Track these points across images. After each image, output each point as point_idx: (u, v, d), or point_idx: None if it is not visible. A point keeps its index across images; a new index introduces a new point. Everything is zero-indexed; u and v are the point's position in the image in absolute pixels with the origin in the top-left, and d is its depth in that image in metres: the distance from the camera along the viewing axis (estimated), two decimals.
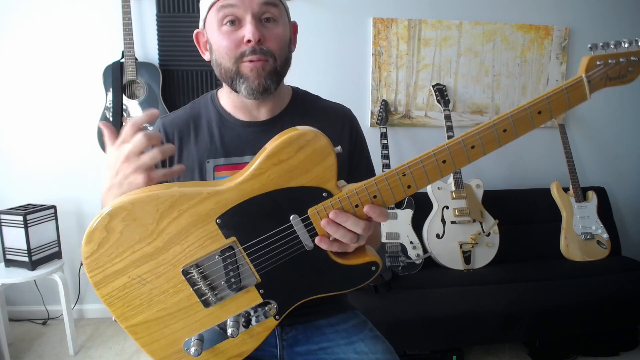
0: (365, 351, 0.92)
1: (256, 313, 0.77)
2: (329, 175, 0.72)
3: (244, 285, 0.75)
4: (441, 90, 2.38)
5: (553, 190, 2.39)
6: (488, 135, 0.70)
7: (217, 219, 0.72)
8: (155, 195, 0.70)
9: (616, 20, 2.55)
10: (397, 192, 0.72)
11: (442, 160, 0.71)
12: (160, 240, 0.71)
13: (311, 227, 0.73)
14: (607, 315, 1.90)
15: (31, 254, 1.99)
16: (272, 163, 0.71)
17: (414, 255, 2.13)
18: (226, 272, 0.73)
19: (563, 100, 0.70)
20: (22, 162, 2.32)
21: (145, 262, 0.71)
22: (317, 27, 2.36)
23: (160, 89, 2.20)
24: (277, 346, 0.96)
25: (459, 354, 1.88)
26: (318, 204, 0.72)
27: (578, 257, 2.27)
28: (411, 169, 0.71)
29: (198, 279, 0.73)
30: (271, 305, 0.77)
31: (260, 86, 0.85)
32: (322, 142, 0.70)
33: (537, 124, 0.71)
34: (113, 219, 0.69)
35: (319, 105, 1.03)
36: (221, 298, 0.75)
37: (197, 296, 0.74)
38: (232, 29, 0.84)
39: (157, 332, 0.75)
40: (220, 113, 0.96)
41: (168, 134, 0.95)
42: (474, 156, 0.71)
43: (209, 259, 0.73)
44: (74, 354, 2.08)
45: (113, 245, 0.70)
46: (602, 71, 0.69)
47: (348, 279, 0.78)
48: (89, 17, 2.24)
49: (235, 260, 0.73)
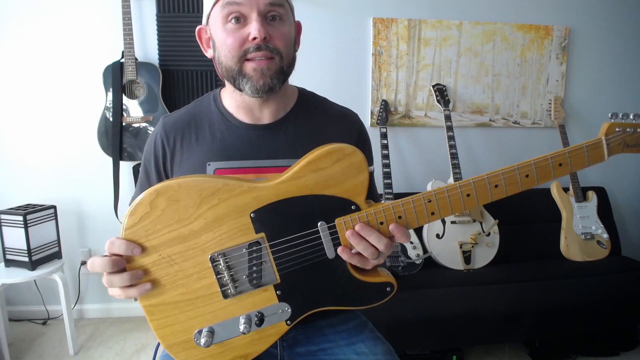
0: (366, 352, 0.92)
1: (270, 314, 0.78)
2: (360, 190, 0.76)
3: (263, 283, 0.77)
4: (441, 90, 2.39)
5: (553, 190, 2.39)
6: (511, 177, 0.75)
7: (252, 213, 0.75)
8: (201, 181, 0.75)
9: (616, 20, 2.55)
10: (421, 216, 0.76)
11: (467, 194, 0.75)
12: (196, 224, 0.74)
13: (336, 237, 0.77)
14: (607, 315, 1.90)
15: (31, 254, 1.99)
16: (311, 169, 0.75)
17: (414, 255, 2.13)
18: (250, 266, 0.76)
19: (583, 157, 0.75)
20: (22, 162, 2.32)
21: (178, 243, 0.75)
22: (317, 27, 2.36)
23: (160, 89, 2.20)
24: (277, 347, 0.95)
25: (459, 354, 1.88)
26: (346, 215, 0.76)
27: (578, 257, 2.27)
28: (437, 196, 0.75)
29: (223, 268, 0.76)
30: (285, 309, 0.79)
31: (266, 86, 0.84)
32: (359, 158, 0.75)
33: (556, 175, 0.76)
34: (159, 197, 0.73)
35: (327, 108, 1.00)
36: (240, 292, 0.77)
37: (218, 286, 0.76)
38: (237, 27, 0.83)
39: (172, 317, 0.77)
40: (223, 114, 0.94)
41: (169, 135, 0.94)
42: (496, 195, 0.76)
43: (236, 250, 0.76)
44: (74, 354, 2.08)
45: (153, 221, 0.74)
46: (620, 137, 0.76)
47: (363, 295, 0.80)
48: (89, 17, 2.24)
49: (261, 256, 0.76)
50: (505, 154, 2.59)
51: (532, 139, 2.60)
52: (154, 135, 0.96)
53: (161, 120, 0.97)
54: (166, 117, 0.97)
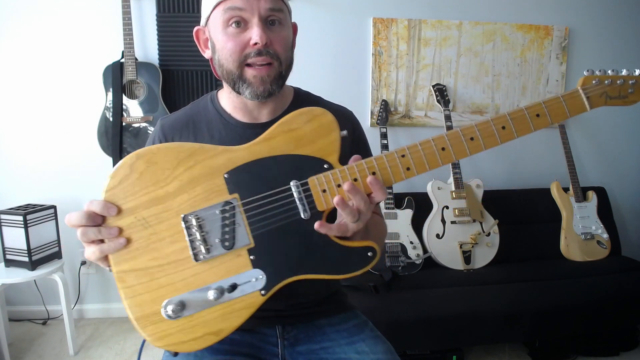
0: (366, 351, 0.92)
1: (243, 282, 0.75)
2: (332, 149, 0.77)
3: (236, 245, 0.75)
4: (441, 90, 2.39)
5: (553, 190, 2.39)
6: (486, 129, 0.75)
7: (226, 174, 0.76)
8: (178, 145, 0.78)
9: (616, 20, 2.55)
10: (396, 172, 0.75)
11: (442, 147, 0.75)
12: (172, 185, 0.76)
13: (309, 196, 0.76)
14: (607, 315, 1.90)
15: (31, 254, 1.99)
16: (282, 130, 0.78)
17: (414, 255, 2.13)
18: (222, 226, 0.75)
19: (561, 107, 0.76)
20: (22, 162, 2.32)
21: (153, 205, 0.75)
22: (317, 27, 2.36)
23: (160, 89, 2.20)
24: (278, 345, 0.96)
25: (459, 354, 1.88)
26: (319, 174, 0.76)
27: (578, 257, 2.27)
28: (410, 150, 0.75)
29: (195, 229, 0.75)
30: (259, 277, 0.75)
31: (266, 92, 0.86)
32: (328, 118, 0.78)
33: (536, 126, 0.76)
34: (138, 159, 0.76)
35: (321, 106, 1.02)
36: (212, 255, 0.75)
37: (190, 249, 0.75)
38: (238, 31, 0.84)
39: (142, 285, 0.74)
40: (221, 114, 0.95)
41: (167, 137, 0.95)
42: (474, 148, 0.75)
43: (209, 210, 0.76)
44: (74, 354, 2.08)
45: (131, 183, 0.75)
46: (599, 88, 0.76)
47: (342, 260, 0.77)
48: (89, 17, 2.24)
49: (234, 215, 0.76)
50: (505, 154, 2.59)
51: (532, 139, 2.60)
52: (152, 138, 0.97)
53: (159, 123, 0.98)
54: (164, 118, 0.98)
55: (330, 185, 0.76)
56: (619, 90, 0.76)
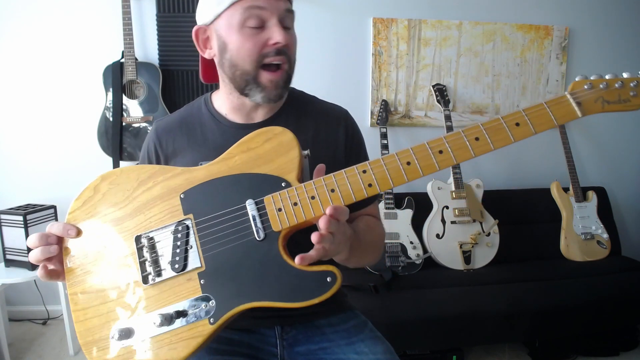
0: (366, 351, 0.92)
1: (192, 308, 0.71)
2: (291, 167, 0.74)
3: (187, 269, 0.73)
4: (441, 90, 2.38)
5: (553, 190, 2.39)
6: (456, 141, 0.70)
7: (182, 194, 0.76)
8: (140, 166, 0.79)
9: (616, 20, 2.55)
10: (357, 188, 0.71)
11: (407, 162, 0.71)
12: (130, 207, 0.76)
13: (264, 214, 0.72)
14: (607, 315, 1.90)
15: None
16: (241, 150, 0.77)
17: (414, 255, 2.13)
18: (174, 246, 0.74)
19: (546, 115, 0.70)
20: (22, 162, 2.32)
21: (112, 225, 0.76)
22: (317, 27, 2.36)
23: (160, 89, 2.20)
24: (277, 346, 0.96)
25: (459, 354, 1.88)
26: (275, 193, 0.73)
27: (578, 257, 2.27)
28: (371, 165, 0.71)
29: (147, 250, 0.74)
30: (209, 303, 0.71)
31: (277, 96, 0.88)
32: (288, 136, 0.76)
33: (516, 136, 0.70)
34: (103, 181, 0.78)
35: (315, 106, 1.02)
36: (162, 279, 0.73)
37: (139, 271, 0.74)
38: (257, 32, 0.84)
39: (93, 308, 0.74)
40: (214, 116, 0.96)
41: (161, 139, 0.96)
42: (444, 163, 0.70)
43: (162, 231, 0.75)
44: (74, 354, 2.08)
45: (93, 205, 0.77)
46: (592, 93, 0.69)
47: (298, 287, 0.70)
48: (89, 17, 2.24)
49: (187, 236, 0.74)
50: (505, 154, 2.59)
51: (532, 139, 2.55)
52: (147, 142, 0.99)
53: (153, 126, 0.99)
54: (158, 121, 1.00)
55: (287, 203, 0.72)
56: (618, 94, 0.69)
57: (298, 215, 0.71)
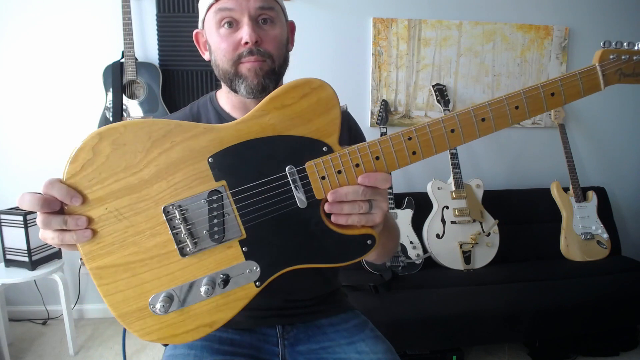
0: (366, 351, 0.92)
1: (236, 275, 0.69)
2: (332, 129, 0.69)
3: (227, 238, 0.69)
4: (441, 90, 2.39)
5: (553, 190, 2.39)
6: (499, 109, 0.69)
7: (210, 158, 0.68)
8: (150, 122, 0.67)
9: (616, 20, 2.55)
10: (401, 156, 0.69)
11: (451, 129, 0.69)
12: (147, 172, 0.66)
13: (307, 183, 0.68)
14: (607, 315, 1.90)
15: (31, 254, 1.99)
16: (275, 106, 0.68)
17: (414, 255, 2.13)
18: (210, 218, 0.68)
19: (577, 86, 0.69)
20: (23, 162, 2.32)
21: (126, 195, 0.66)
22: (317, 27, 2.36)
23: (160, 89, 2.20)
24: (278, 345, 0.96)
25: (459, 354, 1.88)
26: (317, 158, 0.68)
27: (578, 257, 2.27)
28: (417, 132, 0.68)
29: (179, 221, 0.67)
30: (254, 269, 0.70)
31: (259, 85, 0.86)
32: (328, 92, 0.69)
33: (549, 107, 0.69)
34: (102, 141, 0.65)
35: None
36: (200, 249, 0.69)
37: (174, 243, 0.68)
38: (230, 31, 0.84)
39: (123, 281, 0.68)
40: (219, 113, 0.97)
41: None
42: (484, 130, 0.69)
43: (194, 201, 0.68)
44: (74, 354, 2.08)
45: (97, 169, 0.66)
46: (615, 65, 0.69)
47: (340, 249, 0.70)
48: (89, 17, 2.24)
49: (222, 206, 0.68)
50: (505, 154, 2.59)
51: (532, 139, 2.60)
52: None
53: None
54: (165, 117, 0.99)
55: (330, 172, 0.68)
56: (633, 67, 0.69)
57: (342, 184, 0.68)
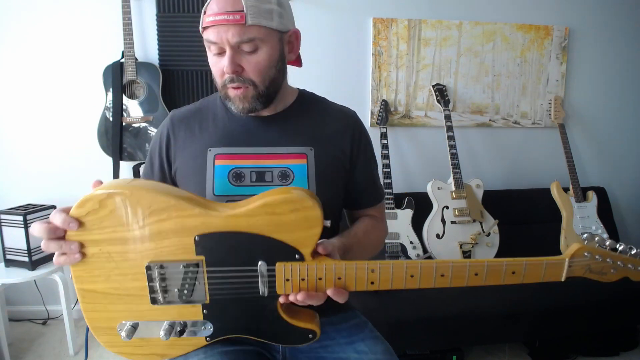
0: (365, 351, 0.93)
1: (192, 328, 0.82)
2: (309, 242, 0.77)
3: (193, 300, 0.80)
4: (441, 90, 2.39)
5: (553, 190, 2.39)
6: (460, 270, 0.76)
7: (197, 236, 0.77)
8: (154, 193, 0.76)
9: (616, 20, 2.55)
10: (360, 283, 0.78)
11: (410, 274, 0.78)
12: (140, 232, 0.76)
13: (272, 279, 0.78)
14: (607, 315, 1.90)
15: (31, 254, 1.99)
16: (266, 212, 0.76)
17: (414, 255, 2.13)
18: (183, 282, 0.79)
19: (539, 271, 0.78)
20: (22, 162, 2.32)
21: (119, 244, 0.77)
22: (317, 27, 2.36)
23: (160, 89, 2.20)
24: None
25: (459, 354, 1.88)
26: (287, 262, 0.77)
27: None
28: (381, 268, 0.77)
29: (156, 277, 0.78)
30: (207, 327, 0.82)
31: (245, 109, 0.92)
32: (316, 213, 0.76)
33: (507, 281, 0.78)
34: (109, 198, 0.75)
35: (323, 106, 1.06)
36: (169, 302, 0.80)
37: (148, 291, 0.79)
38: (218, 59, 0.90)
39: (101, 305, 0.80)
40: (227, 107, 1.00)
41: (174, 126, 1.01)
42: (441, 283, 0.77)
43: (173, 265, 0.78)
44: (74, 354, 2.08)
45: (99, 218, 0.76)
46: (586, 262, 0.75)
47: (285, 335, 0.82)
48: (89, 17, 2.24)
49: (196, 276, 0.79)
50: (505, 154, 2.59)
51: (532, 139, 2.60)
52: (161, 127, 1.04)
53: (170, 114, 1.05)
54: (174, 110, 1.06)
55: (295, 277, 0.78)
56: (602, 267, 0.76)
57: (302, 289, 0.78)
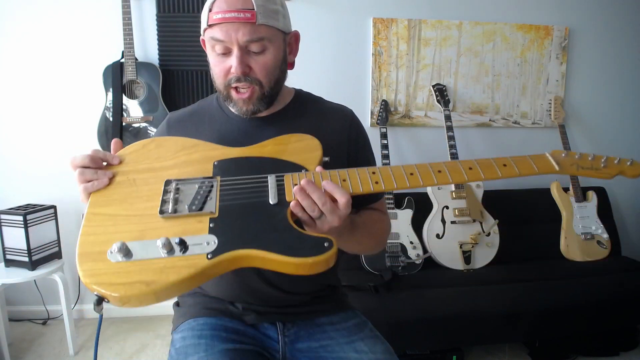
0: (365, 350, 0.93)
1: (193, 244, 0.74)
2: (313, 161, 0.86)
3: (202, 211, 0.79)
4: (441, 90, 2.39)
5: (553, 190, 2.39)
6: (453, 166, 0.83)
7: (215, 162, 0.87)
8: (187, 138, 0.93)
9: (616, 20, 2.55)
10: (365, 182, 0.81)
11: (410, 172, 0.83)
12: (170, 162, 0.88)
13: (281, 186, 0.81)
14: (607, 315, 1.90)
15: (31, 254, 1.99)
16: (274, 143, 0.90)
17: (414, 255, 2.13)
18: (196, 194, 0.82)
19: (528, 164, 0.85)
20: (22, 162, 2.32)
21: (146, 172, 0.86)
22: (317, 27, 2.36)
23: (160, 89, 2.20)
24: (279, 342, 0.97)
25: (459, 354, 1.88)
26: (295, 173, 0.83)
27: (578, 257, 2.27)
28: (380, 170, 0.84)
29: (171, 191, 0.82)
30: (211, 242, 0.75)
31: (249, 112, 0.93)
32: (315, 142, 0.89)
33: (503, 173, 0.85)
34: (152, 142, 0.92)
35: (320, 105, 1.06)
36: (176, 214, 0.79)
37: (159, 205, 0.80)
38: (222, 58, 0.89)
39: (103, 227, 0.79)
40: (223, 109, 1.01)
41: (171, 128, 1.02)
42: (441, 179, 0.82)
43: (190, 182, 0.84)
44: (74, 354, 2.08)
45: (138, 155, 0.89)
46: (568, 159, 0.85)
47: (296, 245, 0.74)
48: (89, 17, 2.24)
49: (210, 189, 0.83)
50: (505, 154, 2.57)
51: (532, 139, 2.60)
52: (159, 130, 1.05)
53: (167, 117, 1.06)
54: (172, 113, 1.07)
55: None
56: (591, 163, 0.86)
57: None
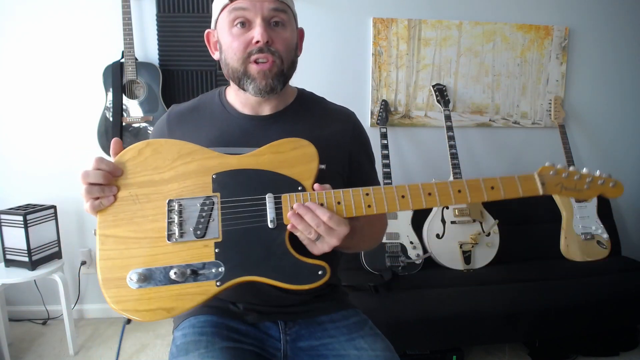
0: (365, 348, 0.93)
1: (203, 271, 0.82)
2: (308, 175, 0.87)
3: (206, 236, 0.84)
4: (441, 90, 2.39)
5: None
6: (444, 188, 0.85)
7: (214, 175, 0.87)
8: (183, 142, 0.90)
9: (616, 20, 2.55)
10: (358, 206, 0.84)
11: (401, 195, 0.84)
12: (168, 174, 0.87)
13: (279, 209, 0.84)
14: (607, 315, 1.90)
15: (31, 254, 1.99)
16: (271, 151, 0.89)
17: (414, 255, 2.13)
18: (199, 217, 0.84)
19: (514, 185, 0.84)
20: (22, 162, 2.32)
21: (147, 186, 0.86)
22: (317, 27, 2.36)
23: (160, 89, 2.20)
24: (280, 340, 0.97)
25: (459, 354, 1.88)
26: (291, 193, 0.85)
27: (578, 257, 2.27)
28: (374, 191, 0.85)
29: (175, 213, 0.84)
30: (219, 269, 0.82)
31: (268, 86, 0.91)
32: (312, 150, 0.88)
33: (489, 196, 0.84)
34: (147, 147, 0.88)
35: (322, 106, 1.06)
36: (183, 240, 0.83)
37: (166, 229, 0.84)
38: (243, 31, 0.89)
39: (117, 250, 0.83)
40: (224, 106, 1.01)
41: (170, 122, 1.01)
42: (430, 203, 0.84)
43: (192, 201, 0.85)
44: (74, 354, 2.08)
45: (136, 164, 0.87)
46: (555, 178, 0.84)
47: (294, 272, 0.82)
48: (89, 17, 2.24)
49: (211, 210, 0.85)
50: (505, 154, 2.59)
51: (532, 139, 2.60)
52: (160, 122, 1.05)
53: (168, 110, 1.06)
54: (173, 106, 1.06)
55: None
56: (575, 184, 0.85)
57: None
